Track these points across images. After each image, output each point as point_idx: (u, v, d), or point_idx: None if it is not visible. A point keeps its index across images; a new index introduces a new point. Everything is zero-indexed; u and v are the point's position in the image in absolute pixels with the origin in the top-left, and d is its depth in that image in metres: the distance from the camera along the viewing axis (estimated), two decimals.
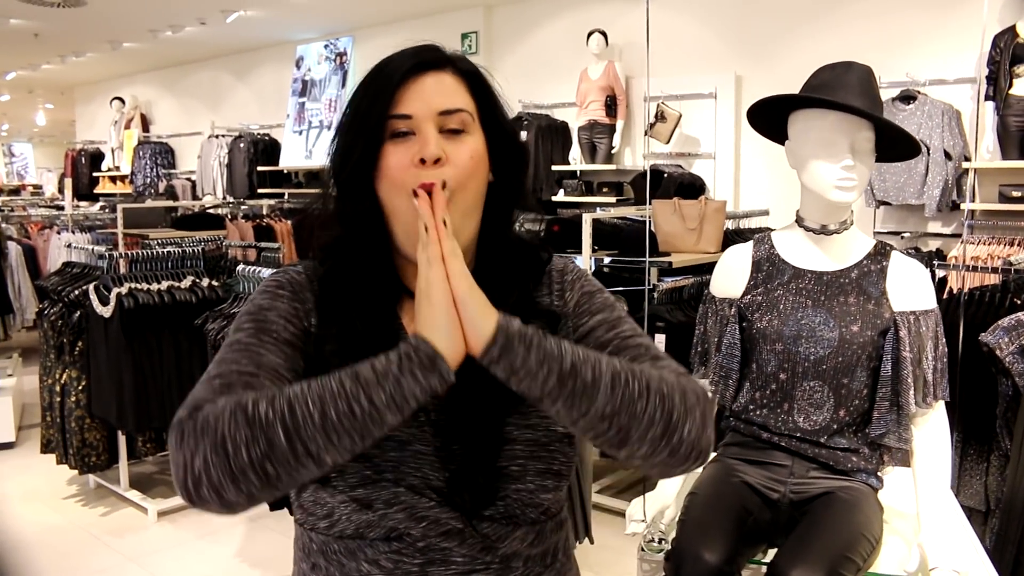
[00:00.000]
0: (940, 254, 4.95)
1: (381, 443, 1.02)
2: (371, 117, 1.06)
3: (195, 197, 9.22)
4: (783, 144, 1.99)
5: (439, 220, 0.96)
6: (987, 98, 4.99)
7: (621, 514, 3.46)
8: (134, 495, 4.09)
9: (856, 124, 1.79)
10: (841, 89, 1.79)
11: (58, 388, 4.02)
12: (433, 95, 1.07)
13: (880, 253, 1.92)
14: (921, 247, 5.23)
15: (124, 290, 3.70)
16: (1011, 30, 4.82)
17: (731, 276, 2.01)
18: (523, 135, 6.40)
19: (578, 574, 1.22)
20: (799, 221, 1.96)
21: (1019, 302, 3.14)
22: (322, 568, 1.09)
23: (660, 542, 1.85)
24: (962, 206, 5.14)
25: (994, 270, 3.42)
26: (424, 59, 1.08)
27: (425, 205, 0.98)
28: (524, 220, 1.23)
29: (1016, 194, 4.88)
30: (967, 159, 5.09)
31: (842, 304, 1.87)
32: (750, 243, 2.03)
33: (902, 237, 5.28)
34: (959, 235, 5.16)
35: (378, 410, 0.88)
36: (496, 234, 1.15)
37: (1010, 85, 4.84)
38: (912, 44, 5.28)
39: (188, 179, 9.74)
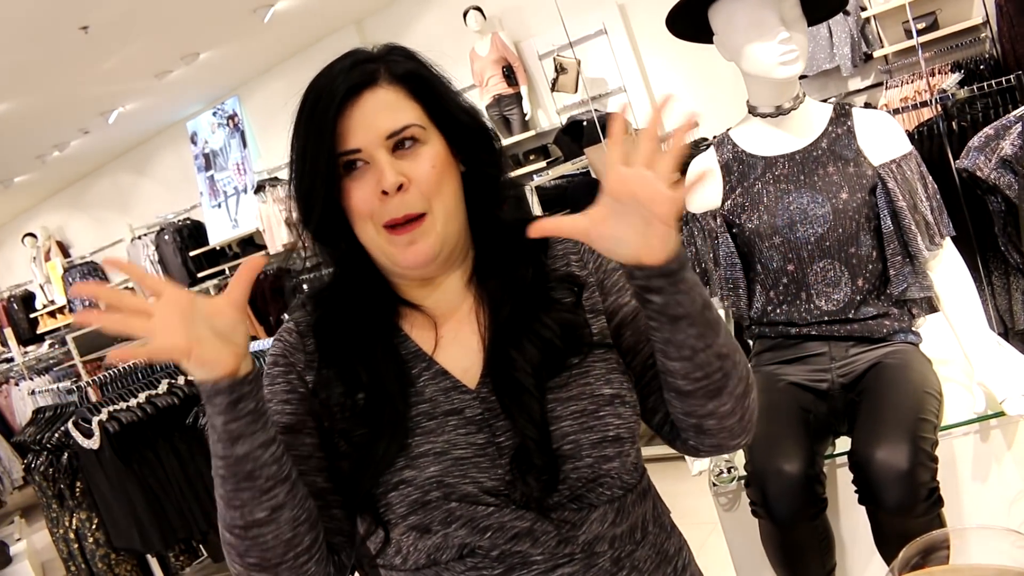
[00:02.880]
0: (869, 107, 4.96)
1: (416, 461, 1.00)
2: (320, 159, 1.02)
3: None
4: (710, 43, 1.92)
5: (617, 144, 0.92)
6: None
7: (670, 459, 3.40)
8: None
9: None
10: None
11: (72, 535, 3.89)
12: (376, 119, 1.02)
13: (842, 115, 1.88)
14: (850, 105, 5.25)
15: (104, 416, 3.58)
16: None
17: (704, 187, 1.94)
18: None
19: (683, 543, 1.15)
20: (752, 111, 1.91)
21: (965, 125, 3.13)
22: None
23: (730, 471, 1.80)
24: (874, 55, 5.17)
25: (927, 104, 3.42)
26: (355, 79, 1.02)
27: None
28: None
29: (920, 25, 4.91)
30: (863, 8, 5.12)
31: (823, 177, 1.82)
32: (711, 149, 1.97)
33: (829, 102, 5.28)
34: (880, 83, 5.19)
35: (226, 457, 0.92)
36: (487, 218, 1.11)
37: None
38: None
39: (126, 287, 9.51)
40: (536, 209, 4.03)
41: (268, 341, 3.40)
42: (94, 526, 3.82)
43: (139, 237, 9.13)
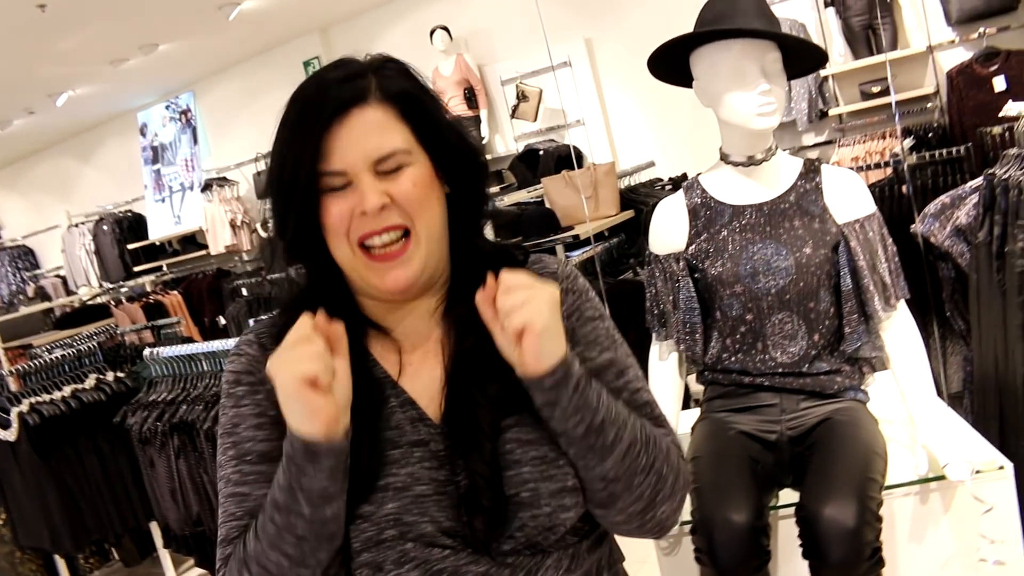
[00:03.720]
0: (820, 163, 5.07)
1: (376, 495, 0.97)
2: (301, 175, 0.98)
3: (69, 292, 8.74)
4: (689, 87, 1.93)
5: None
6: (827, 5, 5.15)
7: None
8: None
9: (763, 47, 1.75)
10: (739, 16, 1.74)
11: None
12: (363, 140, 0.98)
13: (811, 171, 1.90)
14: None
15: (25, 408, 3.43)
16: None
17: (670, 230, 1.95)
18: None
19: None
20: (724, 158, 1.92)
21: (915, 189, 3.21)
22: None
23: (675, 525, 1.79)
24: (829, 112, 5.30)
25: (885, 164, 3.50)
26: (345, 97, 0.98)
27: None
28: None
29: (875, 89, 5.06)
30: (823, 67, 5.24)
31: (789, 230, 1.83)
32: (680, 193, 1.98)
33: (796, 157, 5.39)
34: (832, 141, 5.32)
35: (313, 520, 0.92)
36: (466, 242, 1.09)
37: None
38: None
39: (57, 276, 9.24)
40: (489, 234, 4.03)
41: (206, 344, 3.31)
42: (1, 522, 3.66)
43: (76, 225, 8.89)
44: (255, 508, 1.00)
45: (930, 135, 4.74)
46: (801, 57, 1.84)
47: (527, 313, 0.90)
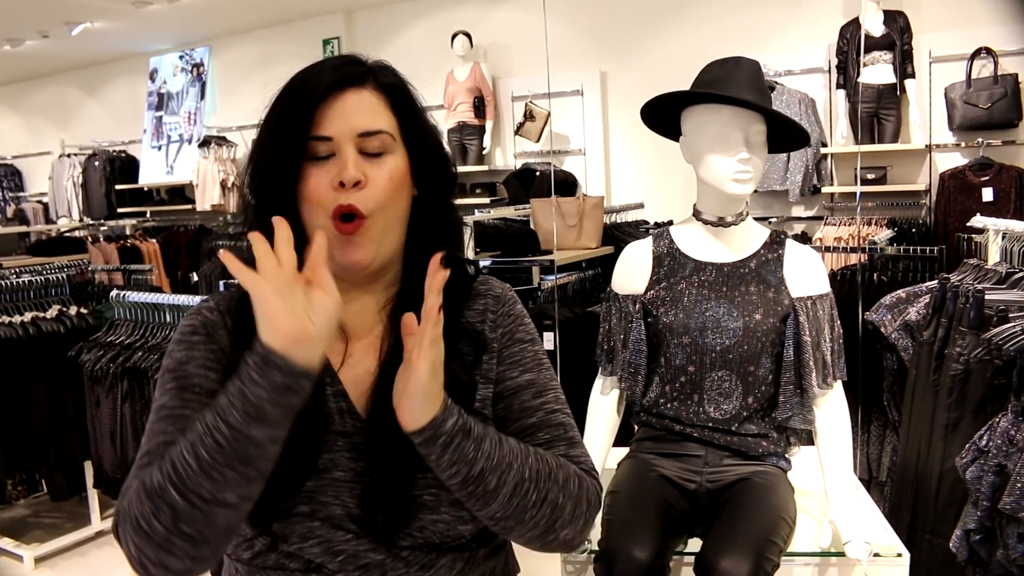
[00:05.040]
0: (805, 237, 5.18)
1: (295, 472, 1.00)
2: (291, 138, 1.03)
3: (49, 220, 8.72)
4: (675, 140, 2.02)
5: (435, 304, 0.95)
6: (838, 86, 5.26)
7: None
8: (6, 543, 3.81)
9: (749, 117, 1.84)
10: (733, 84, 1.83)
11: None
12: (353, 115, 1.04)
13: (775, 242, 1.98)
14: (787, 231, 5.46)
15: None
16: (855, 22, 5.10)
17: (633, 272, 2.02)
18: None
19: None
20: (697, 215, 2.00)
21: (885, 279, 3.31)
22: None
23: (585, 542, 1.85)
24: (822, 190, 5.40)
25: (862, 250, 3.60)
26: (345, 75, 1.06)
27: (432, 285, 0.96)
28: None
29: (870, 176, 5.16)
30: (824, 145, 5.36)
31: (744, 294, 1.91)
32: (649, 239, 2.05)
33: (768, 222, 5.49)
34: (821, 218, 5.42)
35: (238, 430, 0.86)
36: (422, 248, 1.11)
37: (858, 73, 5.10)
38: (765, 37, 5.51)
39: (39, 202, 9.20)
40: (470, 243, 4.10)
41: (173, 297, 3.35)
42: None
43: (68, 155, 8.87)
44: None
45: (913, 230, 4.86)
46: (785, 134, 1.93)
47: (409, 373, 0.95)
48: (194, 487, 0.87)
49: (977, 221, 2.26)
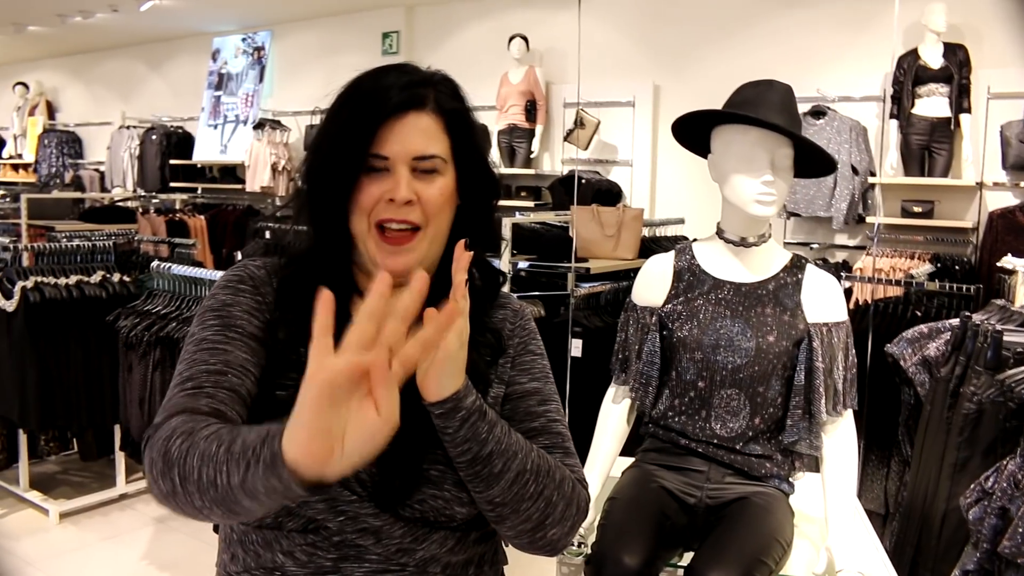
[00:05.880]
0: (846, 265, 5.13)
1: None
2: (351, 151, 1.10)
3: (103, 189, 8.93)
4: (705, 157, 2.04)
5: (462, 279, 1.00)
6: (891, 116, 5.20)
7: None
8: (35, 496, 3.94)
9: (776, 141, 1.86)
10: (763, 106, 1.85)
11: None
12: (411, 138, 1.11)
13: (796, 266, 1.99)
14: (829, 258, 5.42)
15: (30, 284, 3.58)
16: (913, 52, 5.04)
17: (653, 285, 2.05)
18: None
19: None
20: (719, 233, 2.02)
21: (919, 313, 3.29)
22: (239, 559, 1.11)
23: (579, 546, 1.88)
24: (867, 219, 5.35)
25: (897, 283, 3.57)
26: (407, 99, 1.11)
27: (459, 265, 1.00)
28: None
29: (917, 209, 5.10)
30: (872, 174, 5.30)
31: (759, 315, 1.93)
32: (671, 253, 2.08)
33: (811, 248, 5.45)
34: (864, 247, 5.37)
35: (232, 489, 0.85)
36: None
37: (912, 104, 5.05)
38: (822, 62, 5.46)
39: (96, 170, 9.43)
40: (507, 246, 4.12)
41: (213, 272, 3.43)
42: None
43: (128, 127, 9.07)
44: (231, 362, 1.05)
45: (956, 267, 4.78)
46: (812, 160, 1.94)
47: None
48: (190, 491, 0.89)
49: (1007, 262, 2.25)
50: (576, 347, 3.59)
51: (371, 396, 0.77)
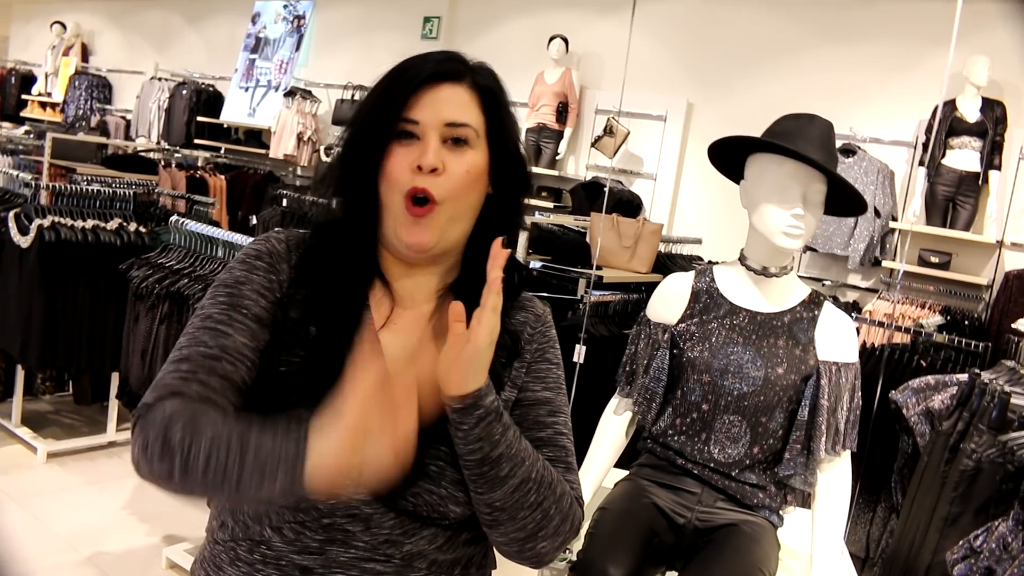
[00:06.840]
0: (856, 306, 5.12)
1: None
2: (383, 117, 1.10)
3: (128, 137, 8.95)
4: (736, 182, 2.04)
5: (498, 276, 1.00)
6: (920, 163, 5.19)
7: None
8: (25, 432, 3.96)
9: (811, 175, 1.86)
10: (801, 139, 1.85)
11: None
12: (444, 106, 1.11)
13: (813, 302, 1.99)
14: (840, 297, 5.41)
15: (47, 222, 3.59)
16: (951, 103, 5.03)
17: (669, 303, 2.05)
18: None
19: None
20: (742, 260, 2.02)
21: (924, 364, 3.28)
22: (228, 527, 1.11)
23: (565, 552, 1.89)
24: (883, 263, 5.34)
25: (906, 330, 3.57)
26: (444, 70, 1.12)
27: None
28: None
29: (934, 259, 5.09)
30: (894, 219, 5.29)
31: (771, 345, 1.93)
32: (691, 273, 2.08)
33: (823, 284, 5.44)
34: (876, 290, 5.36)
35: (241, 492, 0.91)
36: (484, 243, 1.13)
37: (943, 155, 5.04)
38: (858, 100, 5.45)
39: (123, 117, 9.45)
40: (523, 243, 4.12)
41: (228, 233, 3.44)
42: None
43: (160, 79, 9.09)
44: (228, 347, 1.06)
45: (966, 322, 4.77)
46: (843, 199, 1.94)
47: (473, 333, 1.00)
48: (192, 482, 0.94)
49: (1021, 324, 2.25)
50: (580, 354, 3.59)
51: (391, 428, 0.89)
